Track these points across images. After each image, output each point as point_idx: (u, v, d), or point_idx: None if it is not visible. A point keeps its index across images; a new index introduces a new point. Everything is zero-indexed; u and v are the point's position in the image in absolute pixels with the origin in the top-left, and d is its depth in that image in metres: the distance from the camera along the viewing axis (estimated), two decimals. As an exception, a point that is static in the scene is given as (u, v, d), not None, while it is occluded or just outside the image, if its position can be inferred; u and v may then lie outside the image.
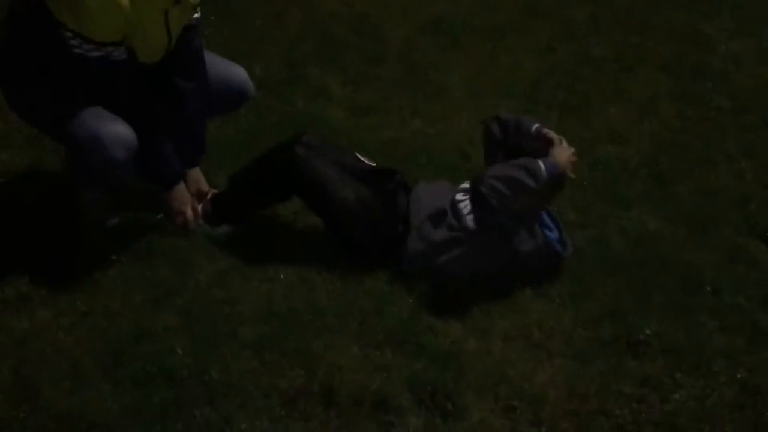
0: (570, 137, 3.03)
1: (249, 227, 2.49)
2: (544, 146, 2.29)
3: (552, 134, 2.32)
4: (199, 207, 2.46)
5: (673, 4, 4.37)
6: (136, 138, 2.20)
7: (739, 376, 2.07)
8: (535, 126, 2.35)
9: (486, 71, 3.62)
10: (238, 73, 2.55)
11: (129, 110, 2.23)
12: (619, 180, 2.83)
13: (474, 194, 2.30)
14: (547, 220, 2.40)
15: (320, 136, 2.54)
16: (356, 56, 3.64)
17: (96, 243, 2.37)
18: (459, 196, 2.37)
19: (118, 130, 2.17)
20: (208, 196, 2.50)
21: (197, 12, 2.37)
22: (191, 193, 2.46)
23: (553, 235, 2.36)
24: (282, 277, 2.30)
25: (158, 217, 2.47)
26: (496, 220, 2.24)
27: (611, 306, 2.26)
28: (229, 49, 3.41)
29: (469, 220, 2.30)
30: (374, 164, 2.50)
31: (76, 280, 2.22)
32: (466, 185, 2.42)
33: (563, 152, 2.27)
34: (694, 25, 4.11)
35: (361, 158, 2.48)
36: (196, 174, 2.51)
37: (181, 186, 2.41)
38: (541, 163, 2.21)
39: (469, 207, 2.32)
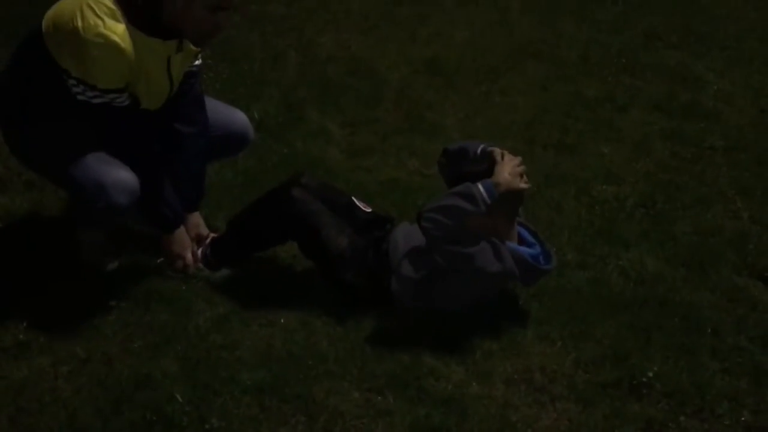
0: (566, 177, 3.11)
1: (248, 271, 2.49)
2: (489, 166, 2.25)
3: (495, 151, 2.27)
4: (199, 251, 2.46)
5: (663, 43, 4.46)
6: (138, 183, 2.21)
7: (743, 418, 2.06)
8: (480, 147, 2.31)
9: (481, 111, 3.67)
10: (239, 118, 2.57)
11: (130, 154, 2.24)
12: (616, 220, 2.85)
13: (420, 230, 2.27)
14: (527, 235, 2.38)
15: (317, 177, 2.55)
16: (353, 98, 3.69)
17: (95, 288, 2.36)
18: None
19: (121, 176, 2.18)
20: (208, 240, 2.50)
21: (198, 59, 2.40)
22: (191, 237, 2.47)
23: (534, 250, 2.33)
24: (282, 321, 2.29)
25: (157, 261, 2.47)
26: (442, 249, 2.21)
27: (613, 348, 2.25)
28: (228, 92, 3.47)
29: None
30: (370, 209, 2.51)
31: (75, 326, 2.21)
32: None
33: (505, 167, 2.22)
34: (685, 65, 4.19)
35: (357, 203, 2.50)
36: (196, 218, 2.52)
37: (181, 230, 2.42)
38: (479, 186, 2.17)
39: None
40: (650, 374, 2.13)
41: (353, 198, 2.51)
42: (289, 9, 4.70)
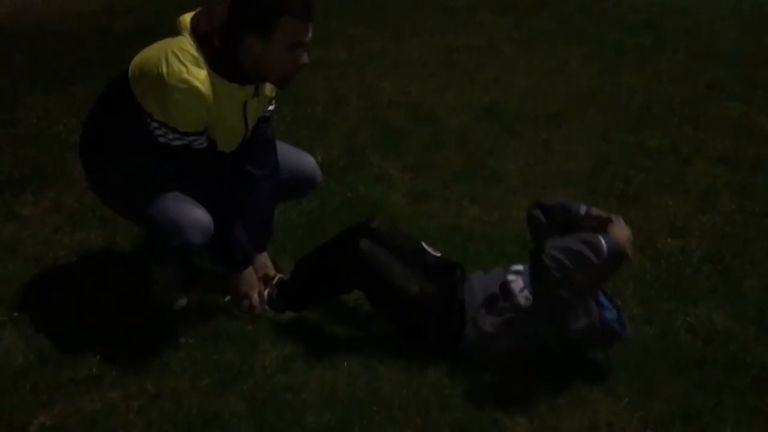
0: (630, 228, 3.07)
1: (312, 312, 2.51)
2: (599, 226, 2.27)
3: (605, 213, 2.31)
4: (265, 292, 2.50)
5: (726, 95, 4.41)
6: (212, 223, 2.27)
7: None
8: (584, 208, 2.34)
9: (542, 159, 3.67)
10: (307, 161, 2.64)
11: (205, 194, 2.30)
12: (683, 274, 2.80)
13: (533, 267, 2.27)
14: (605, 300, 2.37)
15: (387, 223, 2.58)
16: (414, 143, 3.74)
17: (164, 324, 2.42)
18: (510, 277, 2.38)
19: (197, 215, 2.24)
20: (274, 280, 2.54)
21: (272, 104, 2.47)
22: (258, 278, 2.51)
23: (612, 315, 2.32)
24: (345, 364, 2.31)
25: (225, 300, 2.52)
26: (555, 293, 2.20)
27: (682, 407, 2.20)
28: (292, 135, 3.55)
29: (522, 297, 2.30)
30: (439, 254, 2.52)
31: (146, 361, 2.26)
32: (517, 267, 2.43)
33: (622, 230, 2.25)
34: (750, 117, 4.13)
35: (427, 248, 2.51)
36: (264, 259, 2.57)
37: (250, 270, 2.47)
38: (602, 239, 2.19)
39: (521, 284, 2.32)
40: (724, 436, 2.08)
41: (422, 243, 2.53)
42: (350, 54, 4.81)
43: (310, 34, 2.18)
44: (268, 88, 2.38)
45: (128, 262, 2.68)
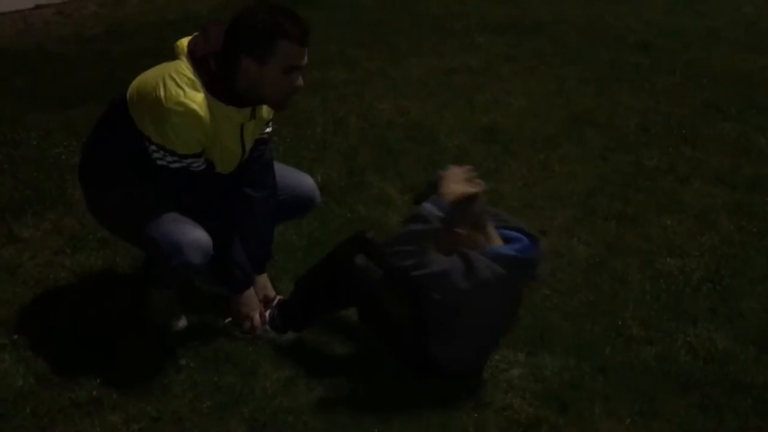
0: (629, 249, 3.09)
1: (313, 333, 2.51)
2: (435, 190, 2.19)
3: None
4: (266, 313, 2.51)
5: (722, 116, 4.44)
6: (211, 243, 2.27)
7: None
8: (439, 174, 2.24)
9: (540, 180, 3.69)
10: (306, 182, 2.65)
11: (204, 216, 2.31)
12: (682, 294, 2.81)
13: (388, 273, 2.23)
14: (509, 233, 2.28)
15: (382, 236, 2.56)
16: (413, 163, 3.75)
17: (164, 346, 2.41)
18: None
19: (196, 236, 2.25)
20: (275, 302, 2.55)
21: (269, 126, 2.49)
22: (258, 299, 2.51)
23: (520, 244, 2.23)
24: (346, 386, 2.30)
25: (225, 321, 2.52)
26: (418, 277, 2.14)
27: (684, 427, 2.20)
28: (292, 156, 3.57)
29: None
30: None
31: (146, 384, 2.25)
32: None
33: (449, 178, 2.18)
34: (747, 137, 4.16)
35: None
36: (263, 280, 2.58)
37: (250, 291, 2.47)
38: (425, 205, 2.15)
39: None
40: (725, 458, 2.08)
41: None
42: (349, 75, 4.84)
43: (305, 59, 2.20)
44: (265, 111, 2.40)
45: (128, 284, 2.67)
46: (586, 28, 5.92)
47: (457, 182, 2.18)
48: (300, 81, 2.22)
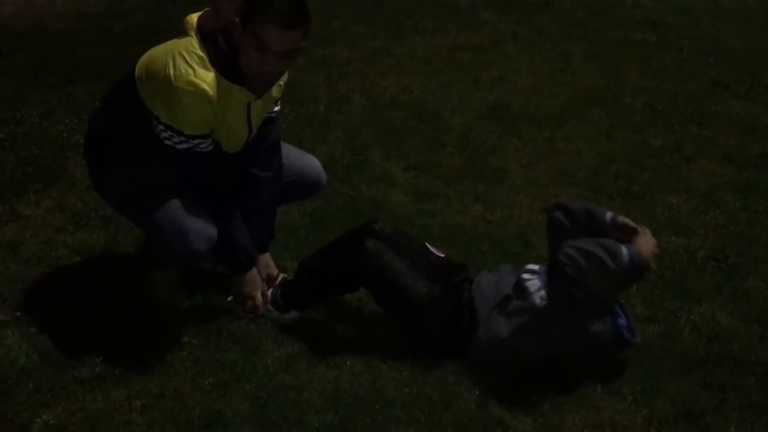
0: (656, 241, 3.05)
1: (315, 312, 2.51)
2: (625, 236, 2.24)
3: (632, 223, 2.27)
4: (269, 292, 2.50)
5: (731, 93, 4.40)
6: (216, 230, 2.26)
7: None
8: (610, 214, 2.31)
9: (545, 158, 3.66)
10: (313, 164, 2.62)
11: (208, 196, 2.30)
12: (687, 273, 2.79)
13: (551, 267, 2.24)
14: (616, 307, 2.35)
15: (390, 223, 2.57)
16: (417, 142, 3.73)
17: (167, 324, 2.41)
18: (525, 276, 2.36)
19: (201, 224, 2.23)
20: (278, 280, 2.54)
21: (277, 105, 2.45)
22: (261, 278, 2.51)
23: (623, 321, 2.31)
24: (348, 363, 2.30)
25: (228, 300, 2.52)
26: (571, 292, 2.18)
27: (686, 406, 2.19)
28: (294, 134, 3.55)
29: (537, 297, 2.27)
30: (443, 255, 2.51)
31: (149, 360, 2.26)
32: (533, 266, 2.41)
33: (647, 242, 2.21)
34: (754, 115, 4.12)
35: (431, 248, 2.50)
36: (266, 259, 2.57)
37: (253, 271, 2.46)
38: (624, 249, 2.16)
39: (537, 284, 2.30)
40: (726, 435, 2.07)
41: (427, 244, 2.52)
42: (353, 52, 4.80)
43: (281, 44, 2.06)
44: (275, 89, 2.34)
45: (131, 262, 2.67)
46: (593, 5, 5.85)
47: (652, 252, 2.21)
48: (268, 66, 2.09)
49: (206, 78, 2.10)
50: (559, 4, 5.84)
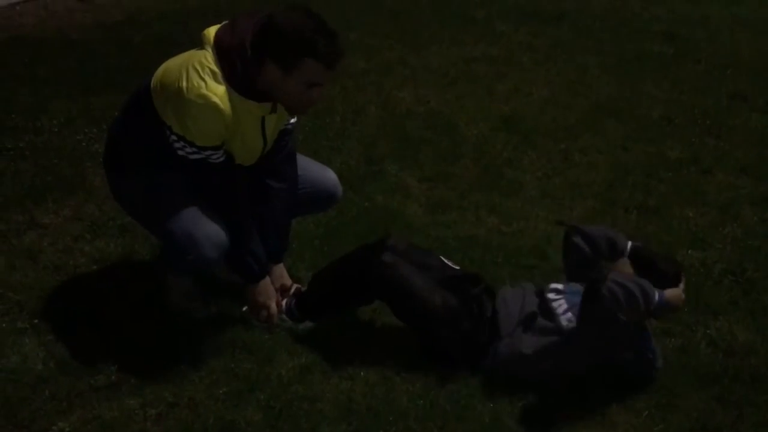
0: (650, 240, 3.05)
1: (329, 323, 2.52)
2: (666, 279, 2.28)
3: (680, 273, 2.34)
4: (283, 302, 2.51)
5: (749, 106, 4.36)
6: (228, 238, 2.27)
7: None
8: (630, 243, 2.37)
9: (560, 170, 3.65)
10: (329, 176, 2.63)
11: (222, 207, 2.31)
12: (703, 287, 2.77)
13: (588, 294, 2.24)
14: (648, 336, 2.36)
15: (404, 238, 2.57)
16: (432, 153, 3.74)
17: (182, 333, 2.43)
18: (551, 296, 2.36)
19: (213, 230, 2.25)
20: (291, 290, 2.55)
21: (294, 117, 2.47)
22: (275, 288, 2.52)
23: (651, 346, 2.33)
24: (362, 375, 2.30)
25: (242, 310, 2.53)
26: (605, 321, 2.19)
27: (702, 421, 2.18)
28: (310, 145, 3.57)
29: (564, 319, 2.29)
30: (458, 267, 2.51)
31: (164, 369, 2.27)
32: (556, 285, 2.41)
33: (679, 292, 2.27)
34: (773, 129, 4.09)
35: (446, 261, 2.50)
36: (280, 269, 2.58)
37: (267, 281, 2.47)
38: (657, 295, 2.19)
39: (564, 306, 2.31)
40: (743, 453, 2.05)
41: (441, 258, 2.51)
42: (368, 63, 4.82)
43: (331, 78, 2.19)
44: None
45: (147, 271, 2.69)
46: (609, 17, 5.84)
47: (681, 300, 2.29)
48: (319, 97, 2.21)
49: (217, 91, 2.12)
50: (575, 15, 5.83)
